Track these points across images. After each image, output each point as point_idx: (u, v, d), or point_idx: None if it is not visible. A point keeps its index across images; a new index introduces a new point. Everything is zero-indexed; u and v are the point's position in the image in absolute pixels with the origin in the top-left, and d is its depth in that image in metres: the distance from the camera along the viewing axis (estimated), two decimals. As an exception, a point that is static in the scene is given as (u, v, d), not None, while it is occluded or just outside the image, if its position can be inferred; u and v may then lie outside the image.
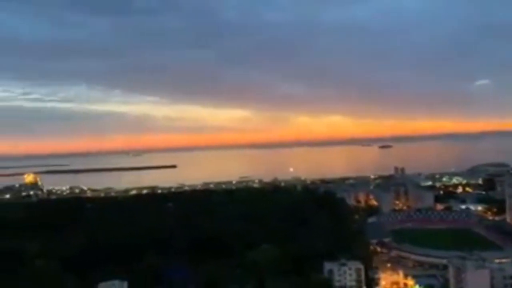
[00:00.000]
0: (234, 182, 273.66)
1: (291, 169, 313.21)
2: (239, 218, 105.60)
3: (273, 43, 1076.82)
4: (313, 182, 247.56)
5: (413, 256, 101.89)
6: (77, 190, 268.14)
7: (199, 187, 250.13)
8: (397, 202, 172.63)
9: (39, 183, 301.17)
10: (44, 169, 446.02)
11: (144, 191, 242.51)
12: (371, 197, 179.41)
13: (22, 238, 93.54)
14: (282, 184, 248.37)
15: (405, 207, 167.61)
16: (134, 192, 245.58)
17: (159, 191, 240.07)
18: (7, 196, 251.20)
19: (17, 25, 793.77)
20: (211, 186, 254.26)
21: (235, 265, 73.77)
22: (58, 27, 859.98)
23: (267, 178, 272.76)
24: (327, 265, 73.93)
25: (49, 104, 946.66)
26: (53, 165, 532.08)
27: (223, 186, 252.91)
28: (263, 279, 69.08)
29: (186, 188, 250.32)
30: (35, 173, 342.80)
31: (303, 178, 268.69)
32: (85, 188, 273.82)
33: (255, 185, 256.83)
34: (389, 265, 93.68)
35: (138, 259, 76.10)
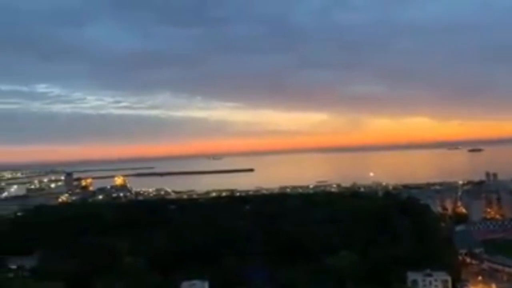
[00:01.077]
0: (311, 186, 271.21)
1: (371, 174, 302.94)
2: (316, 223, 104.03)
3: (349, 44, 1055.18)
4: (395, 188, 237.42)
5: (507, 269, 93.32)
6: (162, 192, 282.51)
7: (276, 190, 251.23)
8: (488, 210, 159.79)
9: (128, 185, 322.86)
10: (132, 172, 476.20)
11: (223, 194, 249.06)
12: (459, 204, 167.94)
13: (113, 235, 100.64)
14: (362, 189, 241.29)
15: (497, 216, 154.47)
16: (214, 194, 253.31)
17: (238, 194, 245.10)
18: (100, 197, 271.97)
19: (111, 40, 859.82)
20: (288, 190, 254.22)
21: (313, 270, 72.64)
22: (145, 40, 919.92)
23: (346, 183, 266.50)
24: (411, 275, 70.07)
25: (137, 112, 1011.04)
26: (140, 168, 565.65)
27: (300, 190, 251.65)
28: (342, 285, 67.31)
29: (264, 191, 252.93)
30: (124, 176, 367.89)
31: (384, 183, 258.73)
32: (169, 190, 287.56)
33: (333, 190, 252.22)
34: (480, 278, 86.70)
35: (217, 260, 78.01)
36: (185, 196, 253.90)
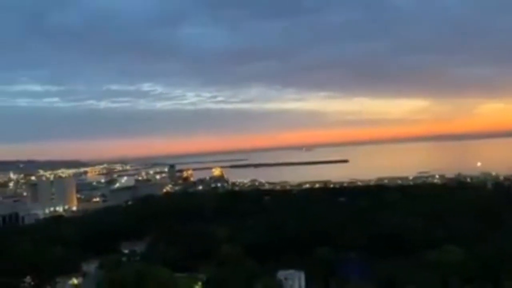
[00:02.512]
0: (411, 177, 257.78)
1: (479, 164, 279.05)
2: (417, 216, 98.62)
3: (451, 25, 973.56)
4: (507, 179, 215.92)
5: None
6: (256, 183, 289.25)
7: (372, 182, 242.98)
8: None
9: (225, 176, 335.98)
10: (228, 163, 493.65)
11: (317, 185, 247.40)
12: None
13: (213, 224, 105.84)
14: (468, 180, 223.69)
15: None
16: (307, 186, 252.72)
17: (331, 185, 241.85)
18: (200, 187, 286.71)
19: (206, 38, 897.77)
20: (385, 181, 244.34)
21: (414, 265, 69.14)
22: (238, 36, 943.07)
23: (450, 174, 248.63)
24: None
25: (231, 105, 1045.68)
26: (235, 160, 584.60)
27: (399, 181, 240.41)
28: (446, 282, 63.13)
29: (359, 183, 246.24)
30: (221, 167, 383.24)
31: (494, 173, 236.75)
32: (263, 181, 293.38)
33: (436, 181, 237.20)
34: None
35: (312, 251, 77.92)
36: (278, 187, 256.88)
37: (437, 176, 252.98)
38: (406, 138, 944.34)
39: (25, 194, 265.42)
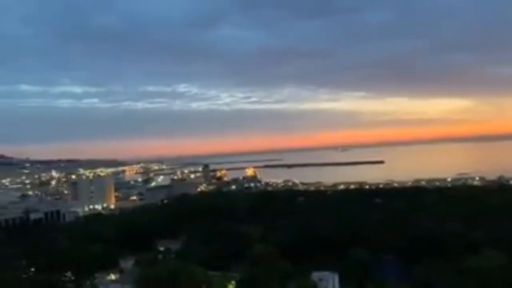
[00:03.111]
0: (449, 179, 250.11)
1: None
2: (456, 219, 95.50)
3: (490, 23, 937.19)
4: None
5: None
6: (289, 183, 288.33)
7: (409, 183, 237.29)
8: None
9: (258, 176, 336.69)
10: (261, 163, 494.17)
11: (352, 186, 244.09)
12: None
13: (246, 223, 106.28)
14: (511, 182, 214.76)
15: None
16: (342, 186, 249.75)
17: (367, 186, 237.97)
18: (233, 187, 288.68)
19: (241, 39, 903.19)
20: (423, 183, 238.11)
21: (453, 269, 66.98)
22: (272, 36, 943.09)
23: (491, 176, 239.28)
24: None
25: (265, 106, 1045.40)
26: (269, 160, 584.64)
27: (437, 183, 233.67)
28: (486, 288, 60.77)
29: (395, 184, 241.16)
30: (254, 167, 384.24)
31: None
32: (296, 181, 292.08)
33: (476, 183, 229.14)
34: None
35: (347, 253, 76.92)
36: (312, 188, 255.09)
37: (477, 178, 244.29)
38: (444, 138, 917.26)
39: (66, 192, 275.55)
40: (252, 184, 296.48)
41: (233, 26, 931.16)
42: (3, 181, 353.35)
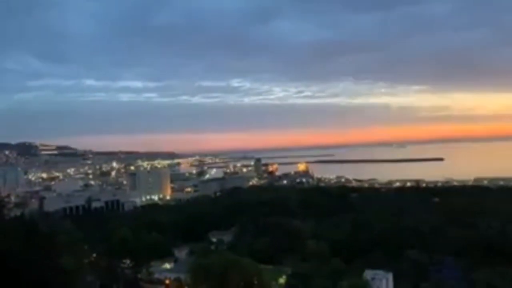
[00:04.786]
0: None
1: None
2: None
3: None
4: None
5: None
6: (342, 179, 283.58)
7: (470, 182, 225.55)
8: None
9: (310, 171, 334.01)
10: (313, 159, 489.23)
11: (408, 184, 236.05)
12: None
13: (297, 219, 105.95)
14: None
15: None
16: (397, 184, 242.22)
17: (424, 184, 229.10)
18: (285, 181, 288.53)
19: (295, 33, 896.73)
20: (485, 182, 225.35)
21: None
22: (327, 29, 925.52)
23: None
24: None
25: (318, 100, 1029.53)
26: (321, 155, 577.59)
27: (501, 182, 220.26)
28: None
29: (455, 183, 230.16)
30: (307, 162, 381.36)
31: None
32: (350, 178, 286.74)
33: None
34: None
35: (402, 253, 74.59)
36: (366, 185, 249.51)
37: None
38: (509, 135, 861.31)
39: (125, 182, 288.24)
40: (304, 180, 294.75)
41: (287, 20, 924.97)
42: (68, 170, 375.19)
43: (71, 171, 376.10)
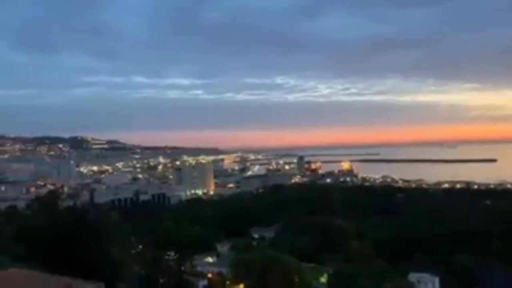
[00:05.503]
0: None
1: None
2: None
3: None
4: None
5: None
6: (388, 179, 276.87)
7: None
8: None
9: (354, 170, 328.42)
10: (358, 157, 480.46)
11: (458, 186, 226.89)
12: None
13: (340, 218, 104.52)
14: None
15: None
16: (446, 185, 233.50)
17: (475, 186, 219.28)
18: (328, 180, 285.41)
19: (342, 29, 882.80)
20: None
21: None
22: (375, 25, 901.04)
23: None
24: None
25: (364, 98, 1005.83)
26: (366, 154, 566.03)
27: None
28: None
29: (509, 185, 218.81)
30: (351, 161, 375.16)
31: None
32: (396, 177, 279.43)
33: None
34: None
35: (449, 256, 71.91)
36: (413, 185, 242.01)
37: None
38: None
39: (171, 177, 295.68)
40: (348, 178, 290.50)
41: (333, 15, 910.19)
42: (117, 164, 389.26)
43: (120, 164, 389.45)
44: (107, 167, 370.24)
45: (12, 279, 23.74)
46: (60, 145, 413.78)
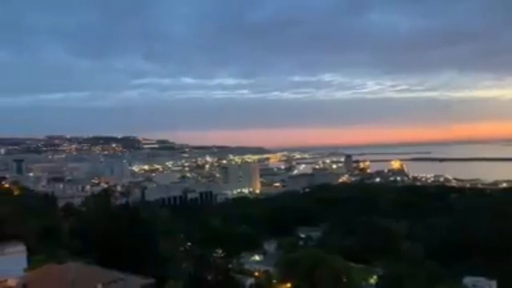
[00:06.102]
0: None
1: None
2: None
3: None
4: None
5: None
6: (441, 179, 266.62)
7: None
8: None
9: (405, 169, 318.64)
10: (408, 156, 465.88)
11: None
12: None
13: (390, 218, 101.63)
14: None
15: None
16: (504, 185, 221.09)
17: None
18: (377, 179, 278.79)
19: (391, 24, 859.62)
20: None
21: None
22: (426, 19, 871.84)
23: None
24: None
25: (416, 94, 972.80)
26: (416, 152, 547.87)
27: None
28: None
29: None
30: (401, 160, 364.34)
31: None
32: (449, 177, 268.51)
33: None
34: None
35: (505, 260, 68.03)
36: (468, 185, 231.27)
37: None
38: None
39: (217, 175, 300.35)
40: (398, 178, 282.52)
41: (381, 10, 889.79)
42: (167, 163, 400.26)
43: (169, 163, 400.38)
44: (157, 166, 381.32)
45: (69, 272, 24.96)
46: (114, 145, 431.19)
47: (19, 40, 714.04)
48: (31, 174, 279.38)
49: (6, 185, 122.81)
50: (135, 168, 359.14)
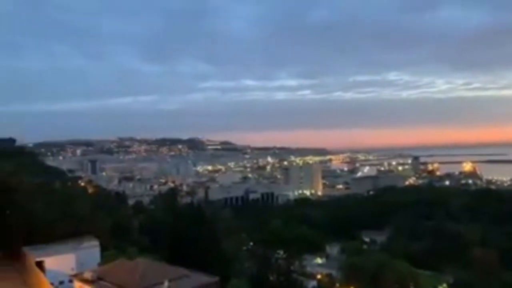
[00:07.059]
0: None
1: None
2: None
3: None
4: None
5: None
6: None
7: None
8: None
9: (478, 172, 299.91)
10: (482, 158, 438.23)
11: None
12: None
13: (461, 223, 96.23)
14: None
15: None
16: None
17: None
18: (447, 182, 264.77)
19: (459, 20, 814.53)
20: None
21: None
22: (498, 12, 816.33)
23: None
24: None
25: (490, 92, 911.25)
26: (492, 154, 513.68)
27: None
28: None
29: None
30: (474, 162, 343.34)
31: None
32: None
33: None
34: None
35: None
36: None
37: None
38: None
39: (278, 176, 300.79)
40: (470, 181, 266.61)
41: (450, 6, 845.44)
42: (229, 164, 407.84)
43: (231, 164, 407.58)
44: (220, 167, 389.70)
45: (138, 268, 26.32)
46: (179, 146, 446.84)
47: (92, 47, 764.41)
48: (104, 174, 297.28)
49: (82, 184, 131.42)
50: (199, 168, 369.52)
